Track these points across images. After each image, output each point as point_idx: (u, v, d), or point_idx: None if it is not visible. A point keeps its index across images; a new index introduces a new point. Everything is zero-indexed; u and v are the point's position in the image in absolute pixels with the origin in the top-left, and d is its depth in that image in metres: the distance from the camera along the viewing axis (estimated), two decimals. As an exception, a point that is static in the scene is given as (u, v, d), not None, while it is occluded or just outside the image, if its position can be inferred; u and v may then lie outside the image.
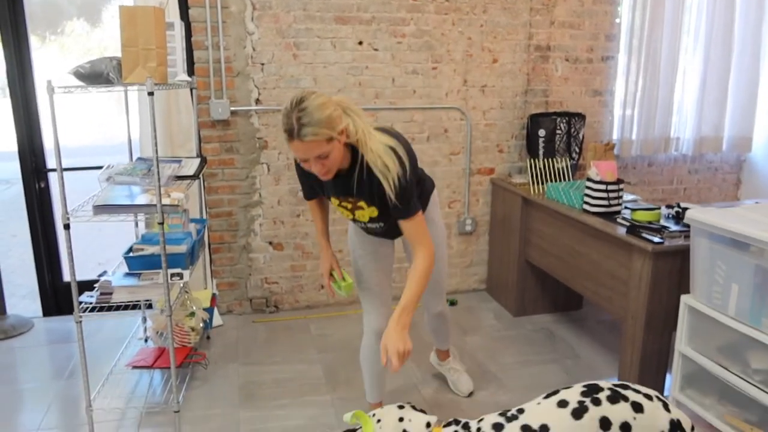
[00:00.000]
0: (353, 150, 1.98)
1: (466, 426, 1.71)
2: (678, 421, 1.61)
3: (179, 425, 2.57)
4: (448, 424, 1.75)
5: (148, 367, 2.83)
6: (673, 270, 2.57)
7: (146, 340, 3.30)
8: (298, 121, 1.79)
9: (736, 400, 2.24)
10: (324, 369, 3.08)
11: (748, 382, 2.15)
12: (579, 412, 1.59)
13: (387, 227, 2.17)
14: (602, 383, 1.67)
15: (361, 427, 1.81)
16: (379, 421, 1.79)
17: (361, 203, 2.07)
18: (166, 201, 2.48)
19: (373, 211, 2.08)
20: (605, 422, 1.57)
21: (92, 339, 3.38)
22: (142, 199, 2.52)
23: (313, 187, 2.26)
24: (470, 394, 2.82)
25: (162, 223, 2.40)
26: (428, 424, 1.76)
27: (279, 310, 3.80)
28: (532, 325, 3.58)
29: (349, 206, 2.12)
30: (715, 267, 2.26)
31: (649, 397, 1.63)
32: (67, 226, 2.37)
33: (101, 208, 2.44)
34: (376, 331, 2.37)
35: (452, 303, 3.90)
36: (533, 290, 3.69)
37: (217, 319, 3.57)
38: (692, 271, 2.37)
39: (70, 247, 2.39)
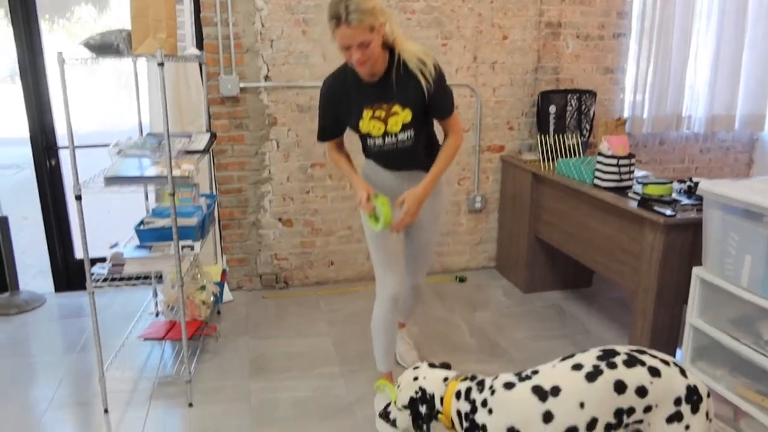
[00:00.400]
0: (389, 55, 2.16)
1: (481, 383, 1.71)
2: (695, 386, 1.60)
3: (191, 395, 2.59)
4: (465, 379, 1.76)
5: (160, 339, 2.86)
6: (685, 243, 2.56)
7: (157, 314, 3.32)
8: (346, 8, 1.96)
9: (749, 372, 2.23)
10: (333, 343, 3.09)
11: (760, 353, 2.13)
12: (593, 376, 1.58)
13: (415, 140, 2.24)
14: (619, 348, 1.66)
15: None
16: (398, 385, 1.81)
17: (396, 107, 2.17)
18: (176, 173, 2.49)
19: (407, 115, 2.18)
20: (620, 386, 1.56)
21: (104, 314, 3.41)
22: (152, 171, 2.53)
23: (336, 119, 2.29)
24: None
25: (173, 195, 2.40)
26: (445, 379, 1.77)
27: (289, 287, 3.82)
28: (542, 302, 3.58)
29: (383, 115, 2.18)
30: (728, 238, 2.24)
31: (666, 362, 1.62)
32: (78, 197, 2.37)
33: (112, 180, 2.45)
34: (392, 296, 2.37)
35: (461, 280, 3.90)
36: (543, 267, 3.69)
37: (227, 295, 3.59)
38: (704, 243, 2.35)
39: (81, 219, 2.39)
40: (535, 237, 3.61)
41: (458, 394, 1.72)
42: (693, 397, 1.58)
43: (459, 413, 1.71)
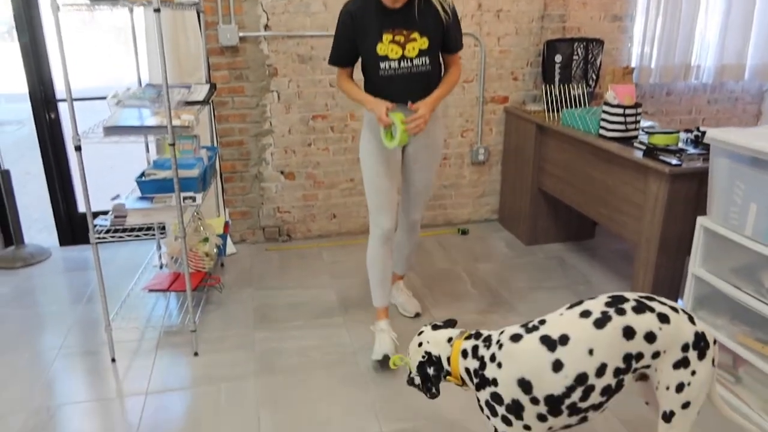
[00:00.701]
0: None
1: (487, 339, 1.71)
2: (702, 333, 1.60)
3: (196, 344, 2.63)
4: (469, 337, 1.76)
5: (164, 290, 2.88)
6: (690, 193, 2.54)
7: (161, 267, 3.34)
8: None
9: (749, 320, 2.24)
10: (337, 293, 3.12)
11: (761, 301, 2.14)
12: (602, 322, 1.58)
13: (429, 66, 2.38)
14: (628, 294, 1.65)
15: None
16: (408, 354, 1.84)
17: (415, 34, 2.32)
18: (176, 122, 2.45)
19: (424, 42, 2.33)
20: (629, 331, 1.56)
21: (108, 267, 3.43)
22: (152, 121, 2.50)
23: (351, 43, 2.36)
24: (416, 315, 2.90)
25: (173, 145, 2.38)
26: (449, 339, 1.77)
27: (291, 239, 3.83)
28: (544, 254, 3.58)
29: (402, 40, 2.32)
30: (734, 187, 2.22)
31: (675, 309, 1.62)
32: (78, 148, 2.35)
33: (112, 130, 2.42)
34: (384, 234, 2.49)
35: (464, 232, 3.90)
36: (546, 219, 3.68)
37: (230, 248, 3.60)
38: (710, 191, 2.33)
39: (82, 170, 2.37)
40: (538, 189, 3.59)
41: (464, 353, 1.72)
42: (700, 343, 1.58)
43: (468, 371, 1.71)
